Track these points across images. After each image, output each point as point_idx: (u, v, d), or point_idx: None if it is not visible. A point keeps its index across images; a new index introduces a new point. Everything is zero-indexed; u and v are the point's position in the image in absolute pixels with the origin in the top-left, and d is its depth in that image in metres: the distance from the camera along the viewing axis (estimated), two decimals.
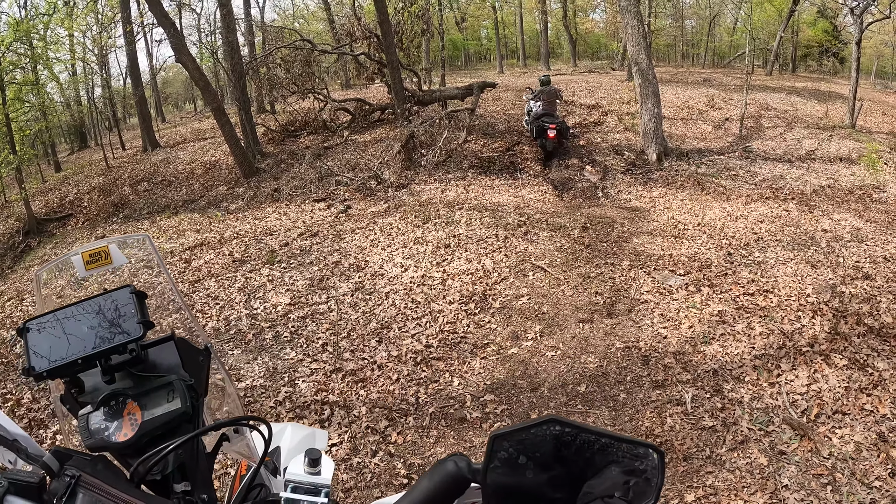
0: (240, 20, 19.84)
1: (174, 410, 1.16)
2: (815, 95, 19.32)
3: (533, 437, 0.88)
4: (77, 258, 1.41)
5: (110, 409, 1.15)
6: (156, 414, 1.15)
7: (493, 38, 39.30)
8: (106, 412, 1.14)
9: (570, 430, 0.88)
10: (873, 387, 4.46)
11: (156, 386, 1.19)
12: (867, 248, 7.34)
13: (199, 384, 1.31)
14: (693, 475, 3.76)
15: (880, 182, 10.66)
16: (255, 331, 6.37)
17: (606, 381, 4.89)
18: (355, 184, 11.56)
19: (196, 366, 1.35)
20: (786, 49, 31.73)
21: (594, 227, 8.58)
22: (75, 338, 1.21)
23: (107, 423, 1.13)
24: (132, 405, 1.16)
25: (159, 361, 1.30)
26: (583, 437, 0.88)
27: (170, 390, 1.18)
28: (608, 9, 34.86)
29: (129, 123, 30.18)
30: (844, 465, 3.71)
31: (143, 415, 1.14)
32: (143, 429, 1.12)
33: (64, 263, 1.47)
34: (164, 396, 1.18)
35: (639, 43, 11.83)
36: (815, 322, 5.46)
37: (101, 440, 1.12)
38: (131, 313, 1.25)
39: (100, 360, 1.20)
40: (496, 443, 0.88)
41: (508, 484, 0.88)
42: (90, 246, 1.41)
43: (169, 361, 1.30)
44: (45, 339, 1.20)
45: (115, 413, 1.14)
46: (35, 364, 1.16)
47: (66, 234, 13.10)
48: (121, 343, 1.20)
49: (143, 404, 1.16)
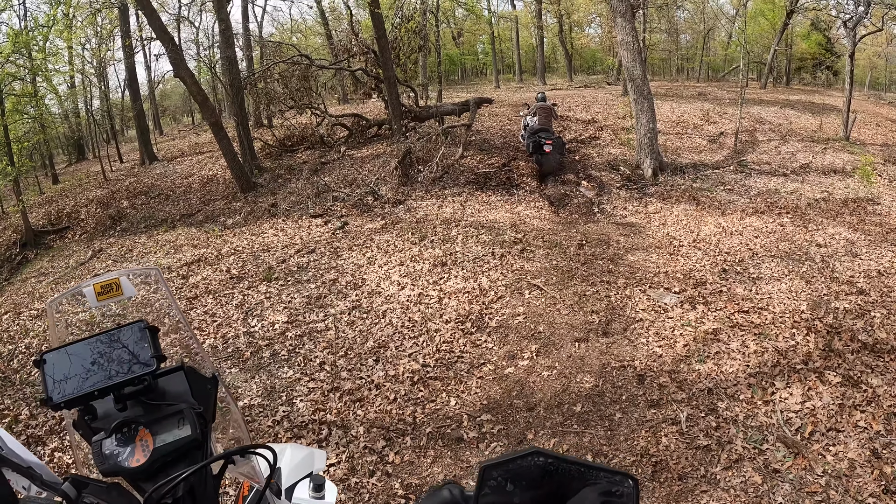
0: (238, 35, 19.92)
1: (185, 437, 1.20)
2: (809, 108, 19.45)
3: (519, 466, 0.93)
4: (89, 289, 1.45)
5: (123, 435, 1.19)
6: (167, 441, 1.19)
7: (489, 52, 39.47)
8: (118, 438, 1.18)
9: (552, 461, 0.94)
10: (867, 403, 4.50)
11: (167, 414, 1.23)
12: (861, 263, 7.39)
13: (208, 411, 1.35)
14: (688, 494, 3.79)
15: (874, 194, 10.73)
16: (253, 349, 6.39)
17: (602, 401, 4.92)
18: (352, 199, 11.61)
19: (204, 394, 1.40)
20: (780, 62, 31.94)
21: (590, 244, 8.63)
22: (91, 370, 1.25)
23: (119, 448, 1.17)
24: (144, 432, 1.20)
25: (169, 390, 1.34)
26: (563, 466, 0.94)
27: (180, 418, 1.23)
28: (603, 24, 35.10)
29: (127, 136, 30.21)
30: (838, 483, 3.74)
31: (155, 441, 1.18)
32: (154, 455, 1.17)
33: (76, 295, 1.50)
34: (175, 424, 1.22)
35: (634, 58, 11.92)
36: (810, 339, 5.50)
37: (114, 465, 1.15)
38: (144, 347, 1.31)
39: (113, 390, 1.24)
40: (486, 472, 0.93)
41: None
42: (102, 278, 1.45)
43: (178, 390, 1.35)
44: (61, 371, 1.25)
45: (128, 439, 1.19)
46: (53, 395, 1.21)
47: (63, 246, 13.10)
48: (135, 376, 1.25)
49: (154, 431, 1.20)
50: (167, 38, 12.82)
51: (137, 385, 1.26)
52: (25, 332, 7.96)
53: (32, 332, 7.83)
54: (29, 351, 7.26)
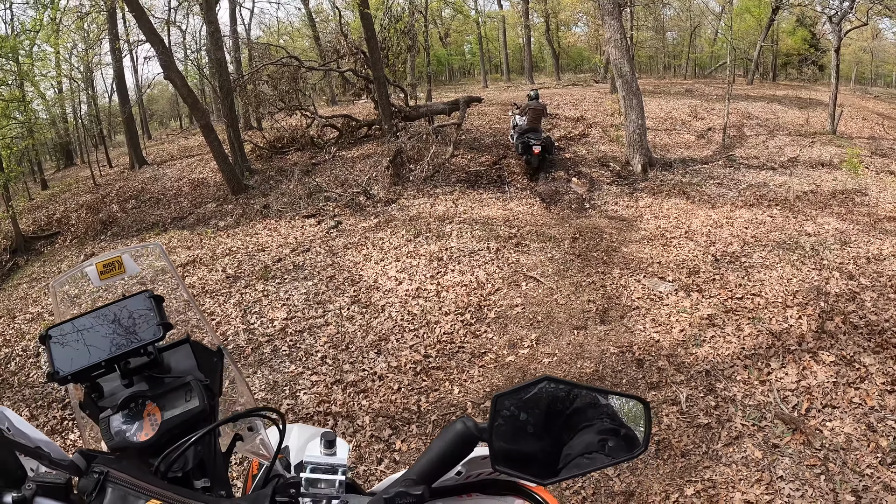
0: (226, 37, 19.92)
1: (193, 409, 1.21)
2: (795, 103, 19.65)
3: (530, 394, 1.00)
4: (91, 269, 1.45)
5: (130, 410, 1.19)
6: (175, 413, 1.20)
7: (476, 52, 39.59)
8: (126, 414, 1.19)
9: (563, 387, 1.01)
10: (861, 381, 4.62)
11: (174, 387, 1.24)
12: (851, 250, 7.52)
13: (215, 384, 1.38)
14: (691, 470, 3.88)
15: (862, 186, 10.89)
16: (254, 345, 6.44)
17: (603, 385, 5.01)
18: (344, 199, 11.65)
19: (210, 366, 1.41)
20: (766, 58, 32.19)
21: (583, 238, 8.73)
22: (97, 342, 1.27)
23: (128, 424, 1.18)
24: (152, 406, 1.20)
25: (175, 364, 1.36)
26: (574, 392, 1.01)
27: (187, 390, 1.24)
28: (590, 22, 35.23)
29: (116, 141, 30.05)
30: (836, 456, 3.85)
31: (163, 415, 1.19)
32: (163, 428, 1.17)
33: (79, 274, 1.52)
34: (183, 396, 1.23)
35: (622, 55, 12.04)
36: (802, 322, 5.61)
37: (123, 440, 1.16)
38: (151, 316, 1.33)
39: (119, 363, 1.26)
40: (498, 402, 0.99)
41: (511, 440, 0.99)
42: (104, 256, 1.46)
43: (184, 363, 1.36)
44: (67, 345, 1.26)
45: (136, 414, 1.19)
46: (59, 368, 1.21)
47: (54, 252, 13.05)
48: (143, 344, 1.27)
49: (162, 405, 1.21)
50: (157, 39, 12.81)
51: (143, 356, 1.27)
52: (21, 335, 7.95)
53: (28, 335, 7.82)
54: (26, 353, 7.26)
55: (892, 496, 3.48)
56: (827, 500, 3.51)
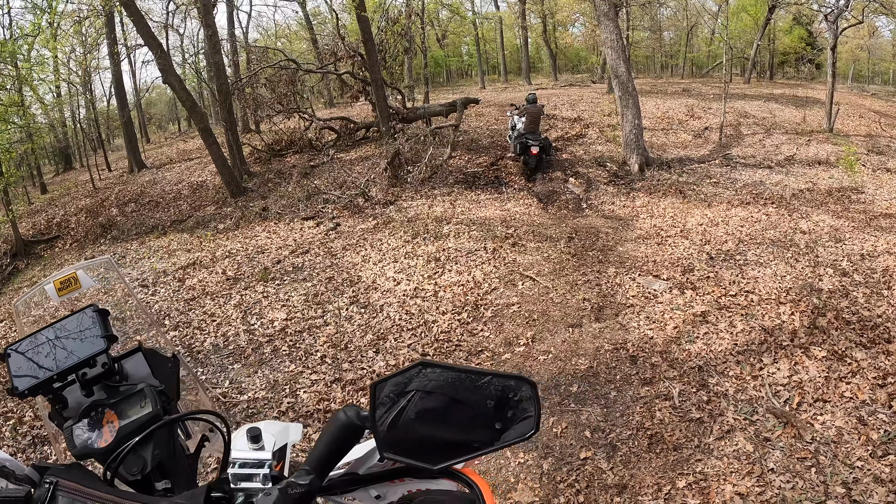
0: (224, 41, 19.97)
1: (146, 414, 1.27)
2: (792, 101, 19.71)
3: (408, 380, 1.00)
4: (49, 287, 1.53)
5: (91, 419, 1.26)
6: (131, 419, 1.26)
7: (474, 54, 39.65)
8: (88, 423, 1.26)
9: (440, 371, 1.00)
10: (852, 375, 4.67)
11: (129, 394, 1.31)
12: (845, 247, 7.58)
13: (171, 389, 1.43)
14: (683, 463, 3.93)
15: (858, 183, 10.96)
16: (254, 346, 6.49)
17: (597, 381, 5.07)
18: (343, 201, 11.70)
19: (165, 373, 1.47)
20: (763, 57, 32.29)
21: (580, 237, 8.79)
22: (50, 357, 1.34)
23: (89, 432, 1.25)
24: (110, 414, 1.27)
25: (131, 372, 1.42)
26: (454, 376, 1.00)
27: (141, 397, 1.30)
28: (587, 23, 35.21)
29: (114, 144, 30.12)
30: (827, 449, 3.90)
31: (121, 422, 1.26)
32: (120, 433, 1.23)
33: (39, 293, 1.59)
34: (137, 403, 1.29)
35: (618, 55, 12.11)
36: (795, 318, 5.67)
37: (84, 448, 1.23)
38: (96, 329, 1.39)
39: (76, 375, 1.32)
40: (377, 389, 1.02)
41: (397, 427, 1.00)
42: (59, 274, 1.54)
43: (140, 371, 1.43)
44: (24, 361, 1.34)
45: (97, 423, 1.26)
46: (17, 384, 1.29)
47: (54, 255, 13.08)
48: (88, 357, 1.33)
49: (119, 412, 1.27)
50: (155, 44, 12.87)
51: (96, 368, 1.33)
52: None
53: None
54: None
55: (883, 488, 3.53)
56: (817, 492, 3.56)
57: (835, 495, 3.52)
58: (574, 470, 4.02)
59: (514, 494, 3.88)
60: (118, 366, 1.40)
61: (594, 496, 3.78)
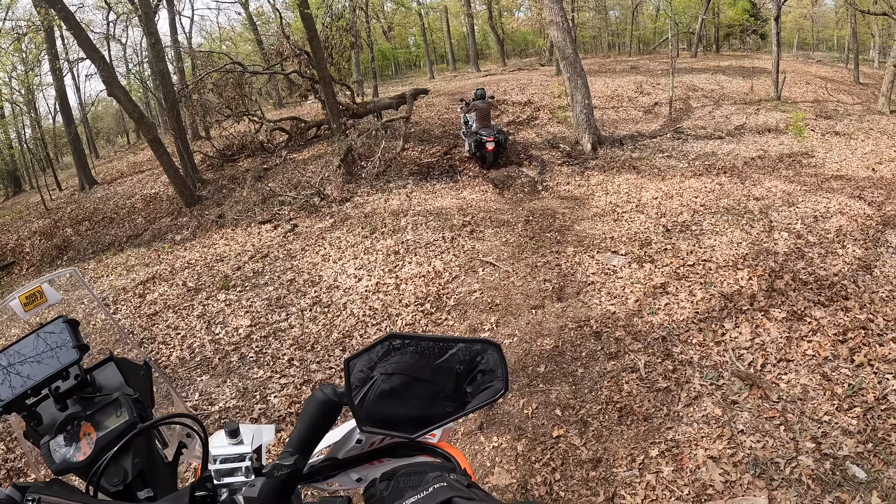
0: (168, 48, 19.60)
1: (124, 423, 1.24)
2: (739, 72, 20.03)
3: (380, 353, 1.01)
4: (15, 302, 1.46)
5: (68, 433, 1.22)
6: (108, 430, 1.23)
7: (421, 44, 39.61)
8: (65, 437, 1.22)
9: (410, 342, 1.02)
10: (813, 333, 4.72)
11: (103, 405, 1.27)
12: (798, 210, 7.70)
13: (145, 396, 1.39)
14: (654, 432, 3.93)
15: (808, 148, 11.15)
16: (221, 355, 6.35)
17: (563, 360, 5.05)
18: (299, 202, 11.57)
19: (139, 380, 1.43)
20: (708, 31, 32.76)
21: (536, 220, 8.79)
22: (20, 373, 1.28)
23: (67, 447, 1.21)
24: (87, 426, 1.23)
25: (105, 382, 1.38)
26: (423, 344, 1.02)
27: (117, 406, 1.27)
28: (532, 6, 35.39)
29: (63, 163, 29.49)
30: (794, 406, 3.93)
31: (98, 433, 1.22)
32: (98, 444, 1.20)
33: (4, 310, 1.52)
34: (113, 413, 1.26)
35: (564, 37, 12.11)
36: (753, 282, 5.72)
37: (63, 463, 1.19)
38: (66, 340, 1.34)
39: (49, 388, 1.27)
40: (350, 364, 1.02)
41: (373, 400, 1.01)
42: (24, 289, 1.47)
43: (113, 381, 1.39)
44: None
45: (74, 436, 1.22)
46: None
47: (11, 282, 12.72)
48: (61, 368, 1.28)
49: (96, 423, 1.24)
50: (98, 56, 12.57)
51: (69, 380, 1.29)
52: None
53: None
54: None
55: (852, 439, 3.57)
56: (788, 448, 3.58)
57: (805, 450, 3.55)
58: (548, 449, 3.99)
59: (492, 478, 3.85)
60: (91, 377, 1.36)
61: (570, 472, 3.76)
